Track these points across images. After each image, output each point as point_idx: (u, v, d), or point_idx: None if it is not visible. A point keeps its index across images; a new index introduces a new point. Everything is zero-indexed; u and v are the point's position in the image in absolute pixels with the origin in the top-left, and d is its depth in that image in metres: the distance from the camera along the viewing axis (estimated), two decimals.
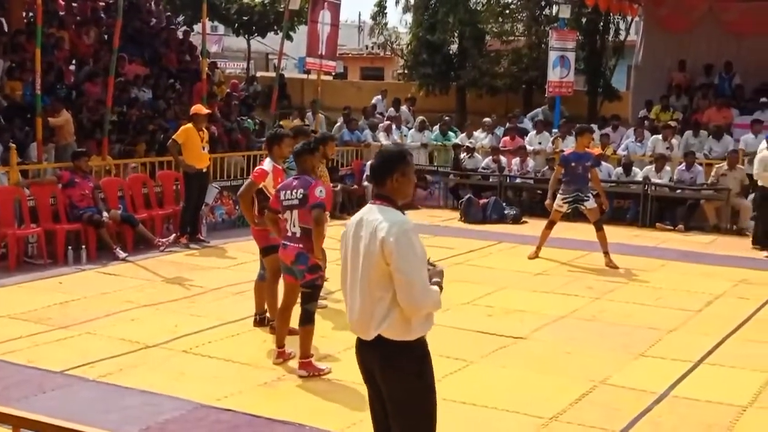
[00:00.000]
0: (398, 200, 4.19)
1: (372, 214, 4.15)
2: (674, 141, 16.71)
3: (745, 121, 17.28)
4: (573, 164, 11.80)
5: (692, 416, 6.24)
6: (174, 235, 12.61)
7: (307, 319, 6.92)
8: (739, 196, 14.84)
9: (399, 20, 47.96)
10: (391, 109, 21.14)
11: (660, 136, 16.74)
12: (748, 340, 8.27)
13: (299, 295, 7.09)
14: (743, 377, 7.10)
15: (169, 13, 22.57)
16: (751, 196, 14.54)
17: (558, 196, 11.97)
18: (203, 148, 12.69)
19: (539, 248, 12.04)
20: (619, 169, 16.04)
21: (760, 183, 12.98)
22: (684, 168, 15.40)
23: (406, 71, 29.42)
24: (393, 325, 4.04)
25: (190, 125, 12.59)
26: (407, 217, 4.12)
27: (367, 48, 40.05)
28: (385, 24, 30.73)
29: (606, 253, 11.64)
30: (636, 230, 14.75)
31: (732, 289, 10.42)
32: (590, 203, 11.81)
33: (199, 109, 12.86)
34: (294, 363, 7.10)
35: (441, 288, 4.17)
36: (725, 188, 14.78)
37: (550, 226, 12.05)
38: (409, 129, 19.51)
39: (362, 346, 4.20)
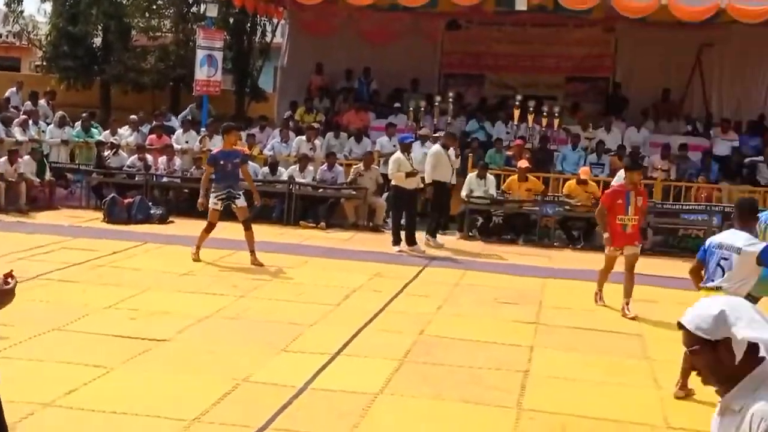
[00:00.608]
0: None
1: None
2: (317, 142, 17.42)
3: (381, 124, 18.47)
4: (222, 162, 11.87)
5: (328, 407, 6.53)
6: None
7: None
8: (375, 194, 15.82)
9: (37, 9, 45.12)
10: (28, 102, 19.82)
11: (304, 137, 17.36)
12: (381, 330, 8.83)
13: None
14: (376, 366, 7.56)
15: None
16: (386, 194, 15.59)
17: (211, 195, 11.95)
18: None
19: (198, 248, 11.89)
20: (266, 169, 16.40)
21: (393, 182, 13.88)
22: (326, 168, 16.12)
23: (45, 63, 27.73)
24: None
25: None
26: None
27: (0, 37, 37.15)
28: (21, 12, 28.73)
29: (252, 252, 11.84)
30: (281, 228, 15.17)
31: (368, 282, 11.07)
32: (240, 201, 11.94)
33: None
34: None
35: None
36: (363, 187, 15.68)
37: (209, 228, 11.94)
38: (48, 124, 18.45)
39: None
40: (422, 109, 18.06)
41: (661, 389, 7.33)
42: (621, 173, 14.96)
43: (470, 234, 15.30)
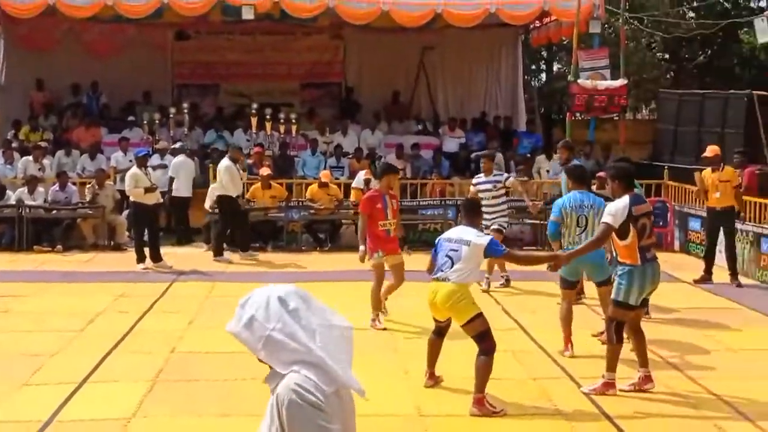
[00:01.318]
0: None
1: None
2: (46, 161, 16.50)
3: (113, 139, 17.78)
4: None
5: None
6: None
7: None
8: (114, 212, 15.24)
9: None
10: None
11: (31, 157, 16.38)
12: (130, 352, 8.52)
13: None
14: (126, 390, 7.28)
15: None
16: (126, 212, 15.08)
17: None
18: None
19: None
20: None
21: (132, 198, 13.41)
22: (57, 188, 15.29)
23: None
24: None
25: None
26: None
27: None
28: None
29: None
30: (13, 255, 14.25)
31: (113, 303, 10.64)
32: None
33: None
34: None
35: None
36: (100, 206, 15.05)
37: None
38: None
39: None
40: (157, 121, 17.62)
41: (411, 380, 7.62)
42: (361, 174, 15.50)
43: None
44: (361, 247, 9.61)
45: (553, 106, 28.72)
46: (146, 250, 13.17)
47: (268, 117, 17.76)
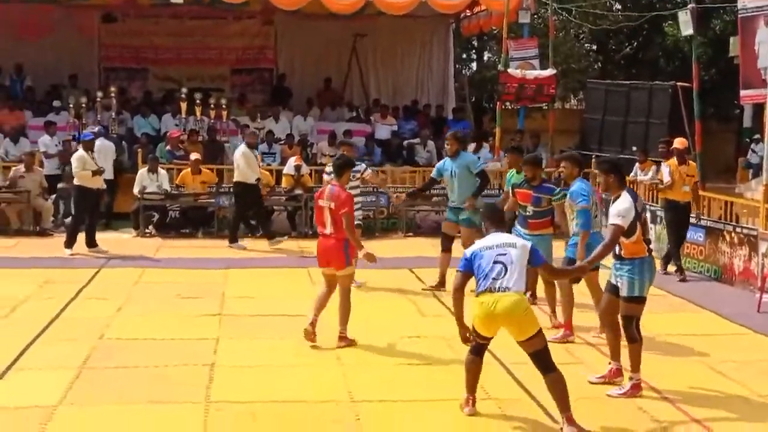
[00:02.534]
0: None
1: None
2: None
3: (39, 123, 17.35)
4: None
5: (2, 426, 6.08)
6: None
7: None
8: (40, 197, 14.88)
9: None
10: None
11: None
12: (56, 339, 8.35)
13: None
14: (52, 377, 7.13)
15: None
16: (53, 196, 14.80)
17: None
18: None
19: None
20: None
21: (76, 182, 13.02)
22: None
23: None
24: None
25: None
26: None
27: None
28: None
29: None
30: None
31: (38, 290, 10.40)
32: None
33: None
34: None
35: None
36: (25, 190, 14.69)
37: None
38: None
39: None
40: (84, 105, 17.26)
41: (344, 365, 7.64)
42: (291, 161, 15.44)
43: (147, 231, 14.91)
44: (364, 249, 8.17)
45: (483, 95, 28.97)
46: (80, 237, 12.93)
47: (198, 102, 17.55)
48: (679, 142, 12.21)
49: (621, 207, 6.90)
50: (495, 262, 6.13)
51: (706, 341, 8.74)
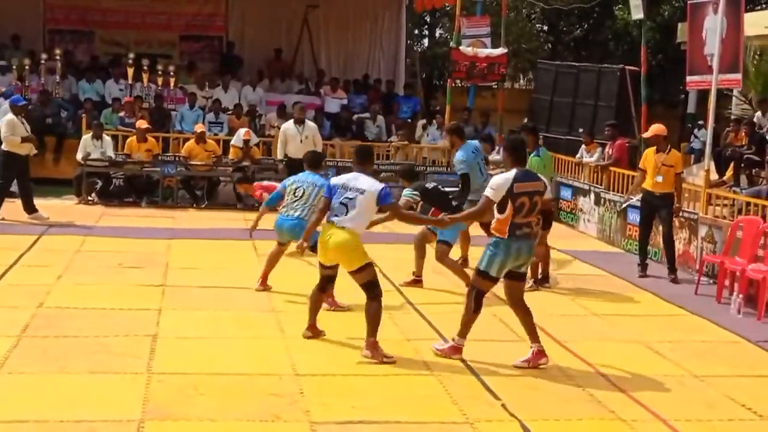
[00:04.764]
0: None
1: None
2: None
3: None
4: None
5: None
6: None
7: None
8: None
9: None
10: None
11: None
12: None
13: None
14: None
15: None
16: None
17: None
18: None
19: None
20: None
21: (4, 147, 12.75)
22: None
23: None
24: None
25: None
26: None
27: None
28: None
29: None
30: None
31: None
32: None
33: None
34: None
35: None
36: None
37: None
38: None
39: None
40: (27, 67, 16.85)
41: (287, 338, 7.62)
42: (240, 132, 15.28)
43: (89, 198, 14.67)
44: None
45: (434, 72, 28.98)
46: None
47: (145, 68, 17.26)
48: (657, 129, 11.00)
49: (496, 181, 7.06)
50: (341, 203, 7.06)
51: (644, 321, 8.92)
